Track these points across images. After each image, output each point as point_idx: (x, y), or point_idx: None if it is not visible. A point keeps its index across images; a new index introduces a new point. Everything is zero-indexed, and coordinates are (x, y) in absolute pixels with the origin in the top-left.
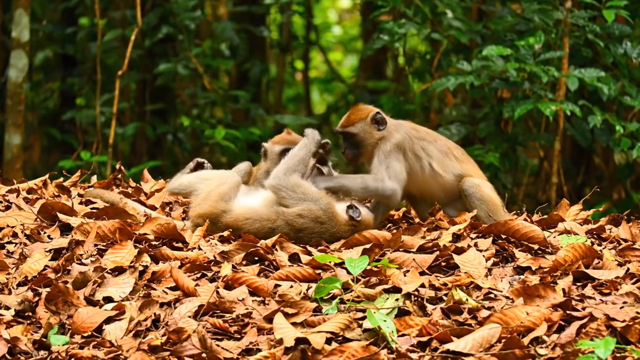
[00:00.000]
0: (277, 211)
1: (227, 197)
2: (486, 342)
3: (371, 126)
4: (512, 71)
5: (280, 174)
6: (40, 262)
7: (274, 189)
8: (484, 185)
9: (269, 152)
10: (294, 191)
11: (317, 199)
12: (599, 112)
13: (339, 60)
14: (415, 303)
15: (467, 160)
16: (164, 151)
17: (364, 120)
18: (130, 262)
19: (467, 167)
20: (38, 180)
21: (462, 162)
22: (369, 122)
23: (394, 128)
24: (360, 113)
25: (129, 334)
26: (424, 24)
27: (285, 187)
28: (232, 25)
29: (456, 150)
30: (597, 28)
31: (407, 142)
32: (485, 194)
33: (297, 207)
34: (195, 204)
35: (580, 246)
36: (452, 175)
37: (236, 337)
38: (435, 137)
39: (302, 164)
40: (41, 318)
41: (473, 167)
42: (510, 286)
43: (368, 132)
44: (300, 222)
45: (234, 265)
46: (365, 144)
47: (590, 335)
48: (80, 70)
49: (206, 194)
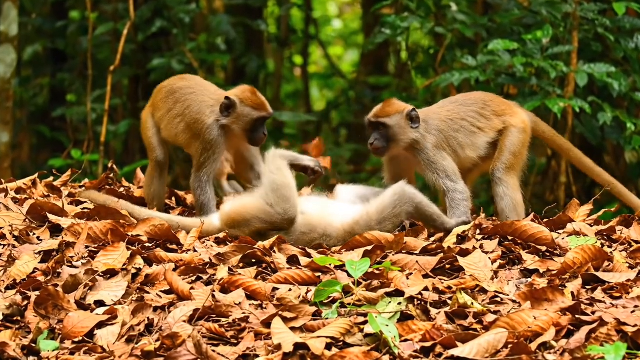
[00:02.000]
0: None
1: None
2: (492, 348)
3: (406, 122)
4: (519, 66)
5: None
6: (29, 264)
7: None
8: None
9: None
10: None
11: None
12: (609, 109)
13: (339, 55)
14: (419, 307)
15: (493, 115)
16: None
17: (401, 114)
18: (123, 264)
19: (494, 124)
20: (27, 179)
21: (487, 128)
22: (404, 116)
23: (425, 129)
24: (397, 106)
25: (122, 339)
26: (428, 17)
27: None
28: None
29: (480, 119)
30: (607, 21)
31: (442, 141)
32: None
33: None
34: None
35: (590, 248)
36: (484, 148)
37: (233, 343)
38: (461, 117)
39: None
40: (30, 323)
41: (498, 120)
42: (517, 289)
43: (402, 127)
44: None
45: (231, 268)
46: (397, 139)
47: (600, 340)
48: (71, 66)
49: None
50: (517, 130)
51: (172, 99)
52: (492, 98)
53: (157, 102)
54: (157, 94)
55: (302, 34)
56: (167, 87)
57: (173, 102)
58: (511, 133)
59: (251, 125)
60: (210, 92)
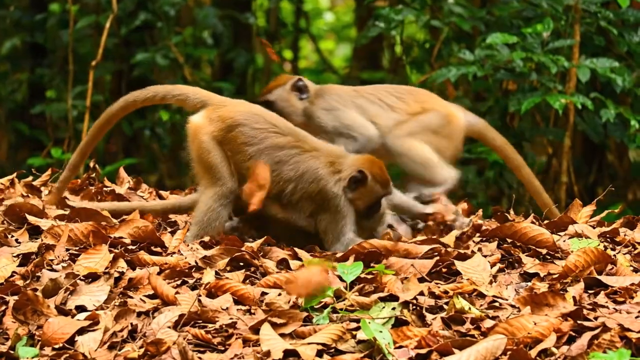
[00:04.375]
0: None
1: None
2: (490, 355)
3: (291, 94)
4: (518, 61)
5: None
6: (7, 268)
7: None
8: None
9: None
10: None
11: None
12: (612, 106)
13: (331, 49)
14: (414, 312)
15: (413, 101)
16: (140, 148)
17: (283, 87)
18: (105, 268)
19: (410, 108)
20: (5, 179)
21: (399, 109)
22: (289, 88)
23: (317, 96)
24: (280, 80)
25: (104, 346)
26: (423, 10)
27: None
28: (215, 12)
29: (395, 101)
30: (611, 14)
31: (336, 102)
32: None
33: None
34: None
35: (592, 251)
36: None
37: (220, 349)
38: (371, 92)
39: None
40: (8, 329)
41: (417, 105)
42: (517, 294)
43: (287, 100)
44: None
45: (217, 272)
46: (286, 113)
47: (603, 346)
48: (51, 61)
49: None
50: (436, 113)
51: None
52: (425, 92)
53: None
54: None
55: (292, 27)
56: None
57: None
58: (428, 113)
59: (374, 201)
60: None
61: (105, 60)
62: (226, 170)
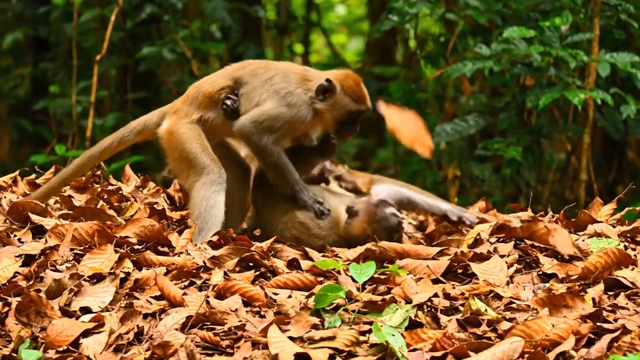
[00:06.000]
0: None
1: None
2: (507, 358)
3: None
4: (536, 55)
5: None
6: (9, 268)
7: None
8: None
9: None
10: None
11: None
12: (632, 101)
13: (342, 43)
14: (428, 314)
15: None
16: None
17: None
18: (111, 268)
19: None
20: (7, 177)
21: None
22: None
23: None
24: None
25: (109, 349)
26: (438, 3)
27: None
28: (223, 5)
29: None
30: (631, 7)
31: None
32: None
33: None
34: None
35: (612, 251)
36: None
37: (228, 352)
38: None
39: None
40: (11, 331)
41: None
42: (535, 295)
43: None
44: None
45: (226, 272)
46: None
47: (623, 349)
48: (54, 55)
49: None
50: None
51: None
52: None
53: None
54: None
55: (303, 20)
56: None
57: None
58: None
59: (346, 117)
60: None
61: (110, 54)
62: (207, 158)
